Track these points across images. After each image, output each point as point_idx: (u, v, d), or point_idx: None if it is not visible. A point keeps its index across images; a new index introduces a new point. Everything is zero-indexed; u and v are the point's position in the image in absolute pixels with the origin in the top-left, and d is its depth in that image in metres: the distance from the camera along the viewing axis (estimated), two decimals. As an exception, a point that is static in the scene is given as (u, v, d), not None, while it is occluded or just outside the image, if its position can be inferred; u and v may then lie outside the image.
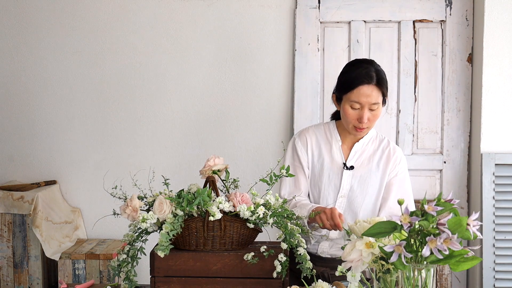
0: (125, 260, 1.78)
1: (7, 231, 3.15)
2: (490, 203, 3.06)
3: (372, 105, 2.03)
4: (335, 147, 2.16)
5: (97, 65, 3.36)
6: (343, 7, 3.24)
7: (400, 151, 2.20)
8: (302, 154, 2.16)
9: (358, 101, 2.02)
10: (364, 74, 2.03)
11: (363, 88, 2.01)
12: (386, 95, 2.09)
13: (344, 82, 2.07)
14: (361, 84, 2.01)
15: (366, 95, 2.01)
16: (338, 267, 1.52)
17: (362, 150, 2.16)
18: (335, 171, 2.13)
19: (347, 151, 2.16)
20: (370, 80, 2.02)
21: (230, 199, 1.80)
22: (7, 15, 3.35)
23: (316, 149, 2.16)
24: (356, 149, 2.15)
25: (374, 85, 2.02)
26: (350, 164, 2.13)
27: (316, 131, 2.19)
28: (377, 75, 2.04)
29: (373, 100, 2.02)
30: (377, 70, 2.07)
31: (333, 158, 2.14)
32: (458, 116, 3.25)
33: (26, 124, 3.40)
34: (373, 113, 2.05)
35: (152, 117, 3.37)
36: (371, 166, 2.13)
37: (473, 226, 1.33)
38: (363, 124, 2.05)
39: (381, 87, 2.04)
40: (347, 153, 2.16)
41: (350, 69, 2.09)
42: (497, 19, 3.05)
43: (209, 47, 3.31)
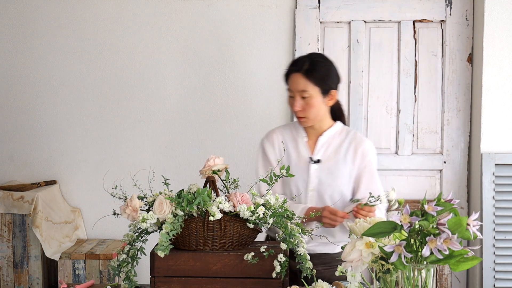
0: (125, 260, 1.78)
1: (7, 231, 3.15)
2: (490, 203, 3.06)
3: (301, 92, 2.14)
4: (301, 143, 2.24)
5: (97, 65, 3.36)
6: (343, 7, 3.24)
7: (369, 143, 2.26)
8: (270, 154, 2.26)
9: (290, 88, 2.18)
10: (295, 62, 2.20)
11: (292, 76, 2.17)
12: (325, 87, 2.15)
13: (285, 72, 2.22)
14: (291, 72, 2.18)
15: (294, 83, 2.15)
16: (338, 267, 1.52)
17: (328, 143, 2.23)
18: (303, 166, 2.20)
19: (313, 145, 2.24)
20: (298, 69, 2.15)
21: (230, 199, 1.80)
22: (7, 15, 3.35)
23: (283, 147, 2.24)
24: (321, 143, 2.22)
25: (301, 73, 2.13)
26: (317, 157, 2.20)
27: (282, 130, 2.30)
28: (309, 65, 2.14)
29: (300, 87, 2.13)
30: (312, 60, 2.17)
31: (299, 154, 2.22)
32: (458, 116, 3.25)
33: (26, 124, 3.40)
34: (306, 102, 2.14)
35: (152, 117, 3.37)
36: (338, 158, 2.20)
37: (473, 226, 1.33)
38: (298, 113, 2.16)
39: (309, 77, 2.13)
40: (313, 148, 2.24)
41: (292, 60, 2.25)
42: (497, 19, 3.05)
43: (209, 47, 3.31)
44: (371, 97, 3.27)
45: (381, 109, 3.28)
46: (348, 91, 3.28)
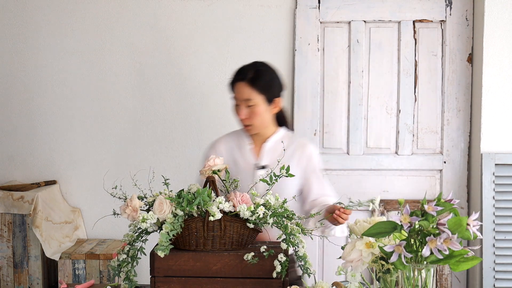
0: (125, 260, 1.78)
1: (7, 231, 3.15)
2: (490, 203, 3.06)
3: (247, 101, 2.16)
4: (246, 149, 2.27)
5: (97, 65, 3.36)
6: (343, 7, 3.24)
7: (312, 146, 2.31)
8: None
9: (235, 96, 2.20)
10: (239, 71, 2.20)
11: (237, 84, 2.19)
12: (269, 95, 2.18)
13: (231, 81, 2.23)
14: (236, 81, 2.19)
15: (239, 91, 2.17)
16: (338, 267, 1.52)
17: (274, 149, 2.24)
18: (248, 172, 2.23)
19: (258, 152, 2.27)
20: (243, 77, 2.17)
21: (230, 199, 1.80)
22: (7, 15, 3.35)
23: (229, 156, 2.26)
24: (266, 149, 2.25)
25: (246, 82, 2.16)
26: (262, 163, 2.23)
27: (227, 138, 2.33)
28: (253, 74, 2.17)
29: (245, 96, 2.16)
30: (257, 69, 2.20)
31: (245, 160, 2.25)
32: (458, 116, 3.25)
33: (26, 124, 3.40)
34: (251, 110, 2.17)
35: (152, 117, 3.37)
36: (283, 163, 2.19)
37: (473, 226, 1.33)
38: (244, 121, 2.19)
39: (254, 85, 2.16)
40: (258, 154, 2.26)
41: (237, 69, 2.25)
42: (497, 19, 3.05)
43: (209, 47, 3.31)
44: (371, 97, 3.27)
45: (381, 109, 3.28)
46: (348, 91, 3.28)
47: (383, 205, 3.27)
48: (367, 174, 3.29)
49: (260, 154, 2.25)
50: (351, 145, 3.28)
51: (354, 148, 3.28)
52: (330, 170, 3.29)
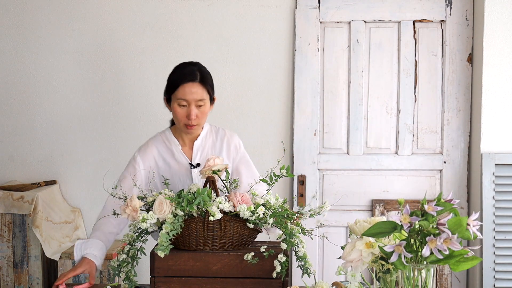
0: (125, 260, 1.78)
1: (7, 231, 3.15)
2: (490, 203, 3.06)
3: (198, 101, 2.15)
4: (176, 151, 2.27)
5: (97, 65, 3.36)
6: (343, 7, 3.24)
7: (236, 136, 2.36)
8: (140, 168, 2.23)
9: (184, 98, 2.14)
10: (188, 73, 2.17)
11: (187, 85, 2.14)
12: (212, 94, 2.22)
13: (171, 82, 2.20)
14: (185, 82, 2.15)
15: (191, 92, 2.14)
16: (338, 267, 1.52)
17: (203, 146, 2.28)
18: (184, 173, 2.24)
19: (189, 151, 2.28)
20: (193, 78, 2.15)
21: (230, 199, 1.80)
22: (7, 15, 3.35)
23: (160, 160, 2.26)
24: (197, 147, 2.27)
25: (198, 82, 2.15)
26: (196, 162, 2.25)
27: (155, 143, 2.30)
28: (200, 74, 2.18)
29: (198, 96, 2.15)
30: (201, 69, 2.21)
31: (178, 162, 2.25)
32: (458, 116, 3.25)
33: (26, 124, 3.40)
34: (201, 109, 2.17)
35: (152, 117, 3.37)
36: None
37: (473, 226, 1.33)
38: (192, 121, 2.16)
39: (204, 85, 2.17)
40: (189, 153, 2.27)
41: (176, 71, 2.23)
42: (497, 19, 3.05)
43: (209, 47, 3.31)
44: (371, 97, 3.27)
45: (381, 109, 3.28)
46: (348, 91, 3.28)
47: (383, 205, 3.27)
48: (367, 174, 3.29)
49: (192, 153, 2.27)
50: (351, 145, 3.28)
51: (354, 148, 3.28)
52: (330, 170, 3.29)
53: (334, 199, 3.27)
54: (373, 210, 3.27)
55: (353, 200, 3.31)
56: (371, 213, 3.29)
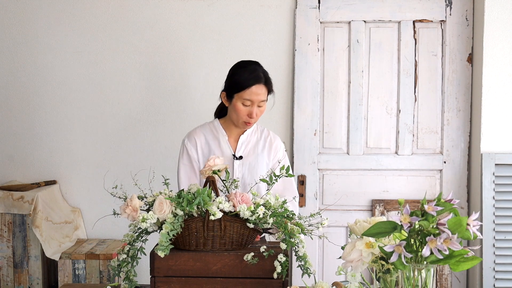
0: (125, 260, 1.78)
1: (7, 231, 3.15)
2: (490, 203, 3.06)
3: (261, 102, 2.29)
4: (222, 141, 2.40)
5: (97, 65, 3.36)
6: (343, 7, 3.24)
7: (279, 139, 2.49)
8: (192, 154, 2.40)
9: (250, 99, 2.27)
10: (255, 76, 2.28)
11: (255, 87, 2.27)
12: (271, 93, 2.36)
13: (237, 83, 2.29)
14: (254, 84, 2.26)
15: (257, 94, 2.27)
16: (338, 267, 1.52)
17: (248, 141, 2.42)
18: (227, 162, 2.31)
19: (234, 143, 2.41)
20: (260, 80, 2.28)
21: (230, 199, 1.80)
22: (7, 15, 3.35)
23: (206, 147, 2.39)
24: (242, 141, 2.41)
25: (263, 84, 2.29)
26: (239, 154, 2.38)
27: (202, 130, 2.44)
28: (264, 76, 2.31)
29: (262, 98, 2.29)
30: (264, 71, 2.34)
31: (222, 151, 2.38)
32: (458, 116, 3.25)
33: (26, 124, 3.40)
34: (261, 109, 2.32)
35: (152, 117, 3.37)
36: (257, 154, 2.40)
37: (473, 226, 1.33)
38: (253, 119, 2.31)
39: (268, 86, 2.31)
40: (234, 146, 2.41)
41: (241, 71, 2.32)
42: (497, 19, 3.05)
43: (209, 47, 3.32)
44: (371, 97, 3.27)
45: (381, 109, 3.28)
46: (348, 91, 3.28)
47: (383, 205, 3.27)
48: (367, 174, 3.29)
49: (236, 146, 2.40)
50: (351, 145, 3.28)
51: (354, 148, 3.28)
52: (330, 170, 3.29)
53: (334, 199, 3.27)
54: (373, 210, 3.27)
55: (353, 200, 3.31)
56: (371, 213, 3.29)
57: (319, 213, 1.99)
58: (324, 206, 3.24)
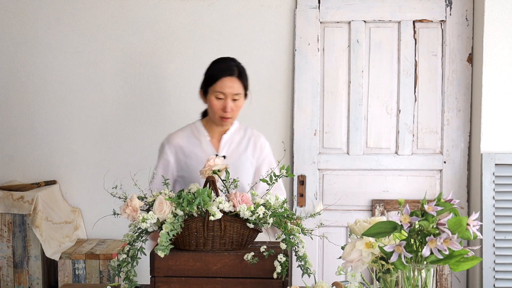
0: (125, 260, 1.78)
1: (7, 231, 3.15)
2: (490, 203, 3.06)
3: (235, 95, 2.26)
4: (204, 142, 2.36)
5: (97, 65, 3.36)
6: (343, 7, 3.24)
7: (263, 137, 2.45)
8: (170, 157, 2.35)
9: (222, 91, 2.25)
10: (227, 67, 2.28)
11: (226, 79, 2.25)
12: (248, 89, 2.33)
13: (210, 76, 2.30)
14: (224, 76, 2.25)
15: (229, 86, 2.25)
16: (338, 267, 1.52)
17: (231, 140, 2.37)
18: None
19: (216, 143, 2.36)
20: (232, 73, 2.26)
21: (230, 199, 1.80)
22: (7, 15, 3.35)
23: (187, 149, 2.35)
24: (225, 140, 2.36)
25: (236, 77, 2.26)
26: (222, 154, 2.33)
27: (183, 132, 2.40)
28: (238, 69, 2.29)
29: (235, 90, 2.25)
30: (239, 65, 2.31)
31: (204, 152, 2.33)
32: (458, 116, 3.25)
33: (26, 124, 3.40)
34: (236, 103, 2.28)
35: (152, 117, 3.37)
36: (240, 154, 2.35)
37: (473, 226, 1.33)
38: (227, 114, 2.26)
39: (242, 80, 2.28)
40: (217, 145, 2.36)
41: (215, 65, 2.33)
42: (497, 19, 3.05)
43: (209, 47, 3.31)
44: (371, 97, 3.27)
45: (381, 109, 3.28)
46: (348, 91, 3.28)
47: (383, 205, 3.27)
48: (367, 174, 3.29)
49: (219, 146, 2.35)
50: (351, 145, 3.28)
51: (354, 148, 3.28)
52: (330, 170, 3.29)
53: (334, 199, 3.27)
54: (373, 210, 3.27)
55: (353, 200, 3.31)
56: (371, 213, 3.29)
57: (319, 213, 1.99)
58: (324, 206, 3.24)
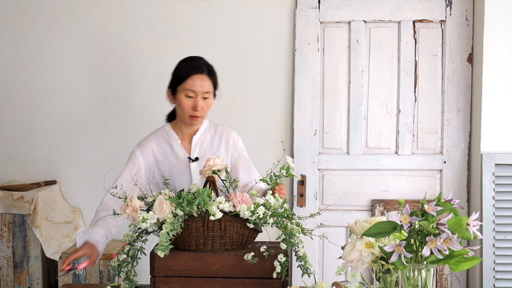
0: (125, 260, 1.78)
1: (7, 231, 3.15)
2: (490, 203, 3.06)
3: (205, 93, 2.22)
4: (175, 145, 2.30)
5: (97, 65, 3.36)
6: (343, 7, 3.24)
7: (235, 133, 2.41)
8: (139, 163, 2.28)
9: (192, 89, 2.21)
10: (196, 65, 2.25)
11: (196, 77, 2.22)
12: (217, 88, 2.30)
13: (179, 74, 2.26)
14: (194, 73, 2.22)
15: (199, 84, 2.21)
16: (338, 267, 1.52)
17: (202, 140, 2.33)
18: (183, 166, 2.28)
19: (188, 146, 2.31)
20: (202, 70, 2.24)
21: (230, 199, 1.80)
22: (7, 15, 3.35)
23: (159, 154, 2.30)
24: (195, 141, 2.31)
25: (206, 75, 2.24)
26: (194, 156, 2.29)
27: (154, 137, 2.34)
28: (207, 67, 2.26)
29: (206, 88, 2.22)
30: (207, 63, 2.29)
31: (177, 156, 2.29)
32: (458, 116, 3.25)
33: (26, 124, 3.40)
34: (206, 102, 2.24)
35: (152, 117, 3.37)
36: (213, 153, 2.31)
37: (473, 226, 1.33)
38: (198, 112, 2.22)
39: (212, 78, 2.26)
40: (188, 148, 2.31)
41: (183, 63, 2.30)
42: (497, 19, 3.05)
43: (209, 47, 3.31)
44: (371, 97, 3.27)
45: (381, 109, 3.28)
46: (348, 91, 3.28)
47: (383, 205, 3.27)
48: (367, 174, 3.29)
49: (191, 147, 2.31)
50: (351, 145, 3.28)
51: (354, 148, 3.28)
52: (330, 170, 3.29)
53: (334, 199, 3.27)
54: (373, 210, 3.27)
55: (353, 200, 3.31)
56: (371, 213, 3.29)
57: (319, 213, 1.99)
58: (324, 206, 3.24)
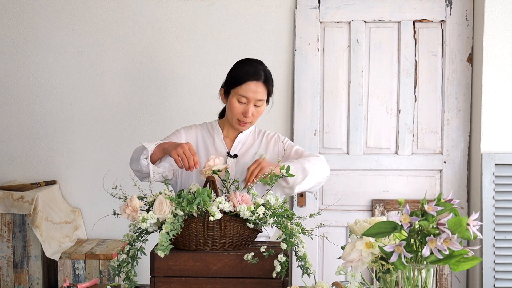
0: (125, 260, 1.78)
1: (7, 231, 3.15)
2: (490, 203, 3.06)
3: (258, 101, 2.17)
4: (217, 139, 2.29)
5: (97, 65, 3.36)
6: (343, 7, 3.24)
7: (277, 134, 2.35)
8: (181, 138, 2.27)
9: (245, 95, 2.15)
10: (253, 71, 2.16)
11: (251, 83, 2.14)
12: (271, 95, 2.24)
13: (234, 77, 2.19)
14: (250, 80, 2.14)
15: (254, 91, 2.14)
16: (338, 267, 1.52)
17: (245, 140, 2.30)
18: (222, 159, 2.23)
19: (230, 143, 2.29)
20: (258, 77, 2.15)
21: (230, 199, 1.80)
22: (7, 15, 3.35)
23: (201, 142, 2.29)
24: (239, 140, 2.29)
25: (262, 82, 2.16)
26: (234, 153, 2.26)
27: (199, 127, 2.34)
28: (265, 74, 2.18)
29: (259, 96, 2.16)
30: (265, 69, 2.21)
31: (216, 149, 2.26)
32: (458, 116, 3.25)
33: (26, 124, 3.40)
34: (258, 109, 2.19)
35: (152, 117, 3.37)
36: (252, 155, 2.27)
37: (473, 226, 1.33)
38: (248, 119, 2.18)
39: (267, 85, 2.18)
40: (230, 145, 2.29)
41: (241, 66, 2.22)
42: (497, 19, 3.05)
43: (209, 47, 3.32)
44: (371, 97, 3.28)
45: (381, 109, 3.28)
46: (348, 91, 3.28)
47: (383, 205, 3.27)
48: (367, 174, 3.29)
49: (232, 144, 2.28)
50: (351, 145, 3.28)
51: (354, 148, 3.28)
52: (330, 170, 3.29)
53: (334, 199, 3.27)
54: (373, 210, 3.27)
55: (353, 200, 3.31)
56: (371, 213, 3.29)
57: (319, 213, 1.99)
58: (324, 206, 3.24)
